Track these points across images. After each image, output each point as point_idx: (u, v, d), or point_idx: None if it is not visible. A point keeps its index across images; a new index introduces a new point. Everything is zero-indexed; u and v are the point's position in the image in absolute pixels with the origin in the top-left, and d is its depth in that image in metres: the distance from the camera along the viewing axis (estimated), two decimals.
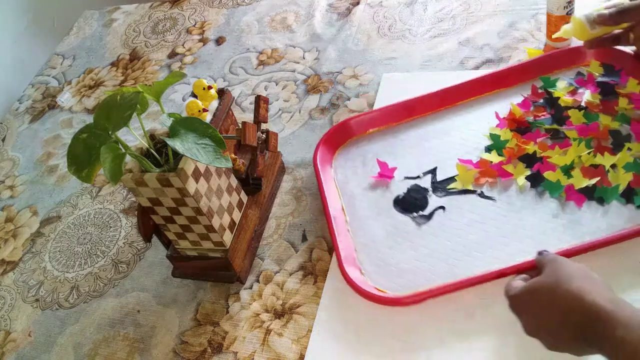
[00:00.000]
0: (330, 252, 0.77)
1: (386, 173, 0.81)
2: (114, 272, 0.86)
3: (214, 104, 0.79)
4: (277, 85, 1.06)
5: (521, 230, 0.70)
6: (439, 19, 1.05)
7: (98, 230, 0.93)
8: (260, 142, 0.79)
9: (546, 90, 0.83)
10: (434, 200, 0.77)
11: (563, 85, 0.83)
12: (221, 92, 0.80)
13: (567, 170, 0.73)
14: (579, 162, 0.73)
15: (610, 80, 0.81)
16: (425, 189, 0.78)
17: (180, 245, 0.76)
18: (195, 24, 1.29)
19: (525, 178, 0.75)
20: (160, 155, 0.67)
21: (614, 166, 0.72)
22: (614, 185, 0.70)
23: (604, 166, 0.72)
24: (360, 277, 0.71)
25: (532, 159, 0.76)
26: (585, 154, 0.73)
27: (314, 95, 1.00)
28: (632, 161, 0.71)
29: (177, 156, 0.66)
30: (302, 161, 0.90)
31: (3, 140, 1.20)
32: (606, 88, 0.80)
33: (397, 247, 0.73)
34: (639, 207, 0.68)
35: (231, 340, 0.73)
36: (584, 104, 0.79)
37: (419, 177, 0.80)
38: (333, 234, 0.75)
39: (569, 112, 0.79)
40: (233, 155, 0.78)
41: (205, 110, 0.75)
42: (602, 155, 0.73)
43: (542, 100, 0.83)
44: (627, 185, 0.70)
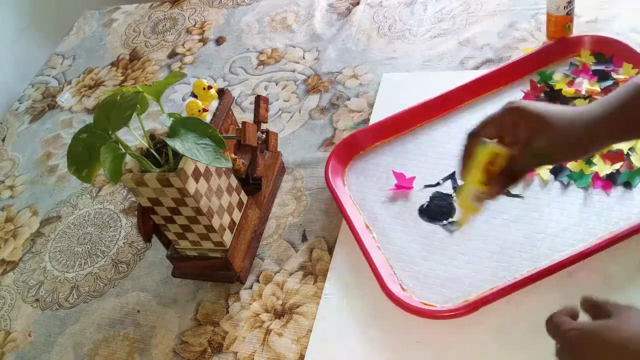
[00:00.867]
0: (330, 252, 0.77)
1: (404, 184, 0.80)
2: (114, 272, 0.86)
3: (214, 104, 0.79)
4: (277, 85, 1.06)
5: (555, 223, 0.70)
6: (439, 19, 1.05)
7: (98, 230, 0.93)
8: (260, 142, 0.79)
9: (546, 83, 0.84)
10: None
11: (560, 77, 0.85)
12: (221, 92, 0.80)
13: (588, 158, 0.74)
14: None
15: (605, 67, 0.83)
16: (449, 195, 0.77)
17: (180, 245, 0.76)
18: (195, 24, 1.29)
19: (549, 172, 0.75)
20: (160, 155, 0.67)
21: (632, 149, 0.73)
22: (638, 167, 0.71)
23: (623, 150, 0.73)
24: (403, 294, 0.68)
25: None
26: None
27: (314, 95, 1.00)
28: None
29: (177, 156, 0.66)
30: (302, 161, 0.90)
31: (3, 140, 1.20)
32: (602, 75, 0.82)
33: (433, 258, 0.71)
34: None
35: (231, 340, 0.73)
36: (584, 93, 0.81)
37: (438, 183, 0.79)
38: (367, 252, 0.71)
39: (575, 102, 0.80)
40: (233, 155, 0.78)
41: (205, 110, 0.75)
42: None
43: (542, 94, 0.84)
44: None
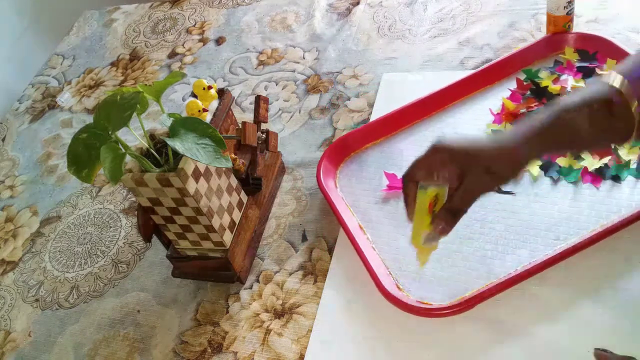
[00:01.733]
0: (330, 252, 0.77)
1: (396, 184, 0.80)
2: (114, 272, 0.86)
3: (214, 104, 0.79)
4: (277, 85, 1.06)
5: (547, 219, 0.71)
6: (439, 19, 1.05)
7: (98, 230, 0.93)
8: (260, 142, 0.79)
9: (532, 81, 0.85)
10: None
11: (546, 74, 0.85)
12: (221, 92, 0.80)
13: (577, 153, 0.74)
14: None
15: (589, 64, 0.84)
16: None
17: (180, 245, 0.76)
18: (195, 24, 1.29)
19: (538, 168, 0.75)
20: (160, 155, 0.67)
21: None
22: (626, 161, 0.72)
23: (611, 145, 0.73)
24: (399, 293, 0.68)
25: None
26: None
27: (314, 95, 1.00)
28: None
29: (177, 156, 0.66)
30: (302, 161, 0.90)
31: (3, 140, 1.20)
32: (587, 72, 0.83)
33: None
34: None
35: (231, 340, 0.73)
36: (570, 90, 0.81)
37: None
38: (362, 253, 0.72)
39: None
40: (233, 155, 0.78)
41: (205, 110, 0.75)
42: None
43: (529, 91, 0.84)
44: (638, 159, 0.71)
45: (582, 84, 0.81)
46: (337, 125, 0.94)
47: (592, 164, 0.73)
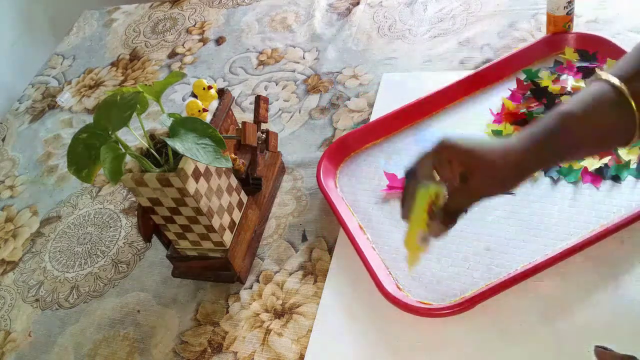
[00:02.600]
0: (330, 252, 0.77)
1: (396, 184, 0.80)
2: (114, 272, 0.86)
3: (214, 104, 0.79)
4: (277, 85, 1.06)
5: (547, 219, 0.70)
6: (439, 19, 1.05)
7: (98, 230, 0.93)
8: (260, 142, 0.79)
9: (532, 81, 0.85)
10: None
11: (546, 74, 0.85)
12: (221, 92, 0.80)
13: (581, 159, 0.74)
14: None
15: (589, 64, 0.84)
16: None
17: (180, 245, 0.76)
18: (195, 24, 1.29)
19: None
20: (160, 155, 0.67)
21: None
22: (626, 161, 0.72)
23: None
24: (399, 293, 0.68)
25: None
26: None
27: (314, 95, 1.01)
28: None
29: (177, 156, 0.66)
30: (302, 161, 0.90)
31: (3, 140, 1.20)
32: (587, 72, 0.83)
33: (427, 257, 0.71)
34: None
35: (231, 340, 0.73)
36: (570, 90, 0.81)
37: None
38: (362, 253, 0.72)
39: (562, 98, 0.81)
40: (233, 155, 0.78)
41: (205, 110, 0.75)
42: None
43: (529, 91, 0.84)
44: (638, 159, 0.72)
45: (582, 84, 0.81)
46: (337, 125, 0.94)
47: (592, 164, 0.73)
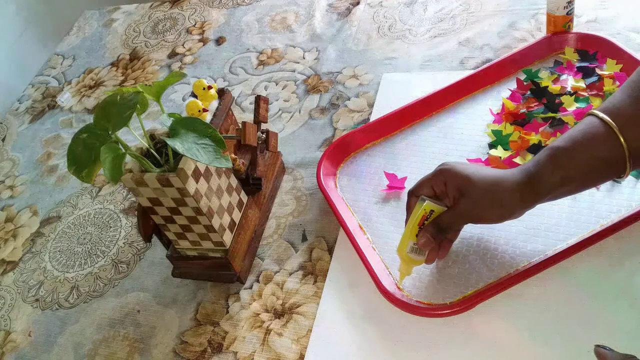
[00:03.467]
0: (330, 252, 0.77)
1: (396, 184, 0.80)
2: (114, 272, 0.86)
3: (214, 104, 0.79)
4: (277, 85, 1.06)
5: (547, 219, 0.70)
6: (439, 19, 1.05)
7: (98, 230, 0.93)
8: (260, 142, 0.79)
9: (532, 81, 0.85)
10: None
11: (546, 74, 0.85)
12: (221, 92, 0.80)
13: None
14: None
15: (589, 64, 0.84)
16: None
17: (180, 245, 0.76)
18: (195, 24, 1.29)
19: None
20: (160, 155, 0.67)
21: None
22: None
23: None
24: (399, 293, 0.68)
25: (538, 148, 0.76)
26: None
27: (314, 95, 1.01)
28: None
29: (177, 156, 0.66)
30: (302, 161, 0.90)
31: (3, 140, 1.20)
32: (587, 72, 0.83)
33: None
34: None
35: (231, 340, 0.73)
36: (570, 90, 0.81)
37: None
38: (362, 253, 0.72)
39: (562, 98, 0.81)
40: (233, 155, 0.78)
41: (205, 110, 0.75)
42: None
43: (529, 91, 0.84)
44: None
45: (582, 84, 0.81)
46: (337, 125, 0.94)
47: None
